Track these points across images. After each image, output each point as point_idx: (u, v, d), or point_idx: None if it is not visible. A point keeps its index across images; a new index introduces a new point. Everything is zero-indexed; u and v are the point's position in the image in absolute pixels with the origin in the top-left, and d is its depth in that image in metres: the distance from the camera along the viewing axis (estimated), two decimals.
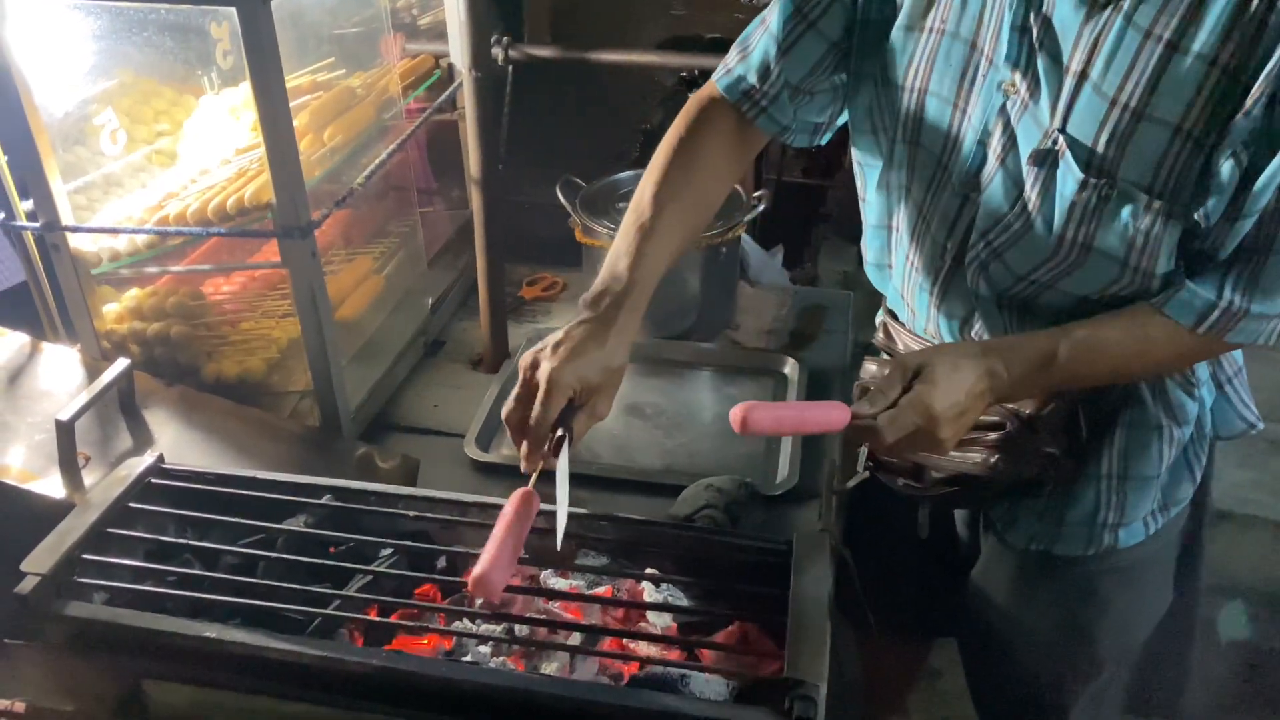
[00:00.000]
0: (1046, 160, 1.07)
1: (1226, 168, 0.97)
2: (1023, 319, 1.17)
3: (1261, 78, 0.93)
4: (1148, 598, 1.33)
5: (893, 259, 1.30)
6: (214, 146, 1.78)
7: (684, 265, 1.87)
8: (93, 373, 1.62)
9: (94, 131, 1.71)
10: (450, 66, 2.08)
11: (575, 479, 1.58)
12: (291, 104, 1.47)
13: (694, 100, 1.34)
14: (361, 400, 1.75)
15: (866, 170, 1.30)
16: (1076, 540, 1.25)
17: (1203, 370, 1.20)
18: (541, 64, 2.29)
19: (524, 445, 1.10)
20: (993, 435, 1.20)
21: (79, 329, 1.67)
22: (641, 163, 2.16)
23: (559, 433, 1.10)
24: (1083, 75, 1.02)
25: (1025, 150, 1.08)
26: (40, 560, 1.12)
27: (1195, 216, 1.02)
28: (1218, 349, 1.12)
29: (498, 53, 2.22)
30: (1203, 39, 0.96)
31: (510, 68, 2.26)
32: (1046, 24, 1.04)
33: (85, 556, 1.14)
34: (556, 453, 1.10)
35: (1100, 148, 1.03)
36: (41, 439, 1.48)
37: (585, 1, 3.17)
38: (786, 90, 1.27)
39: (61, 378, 1.62)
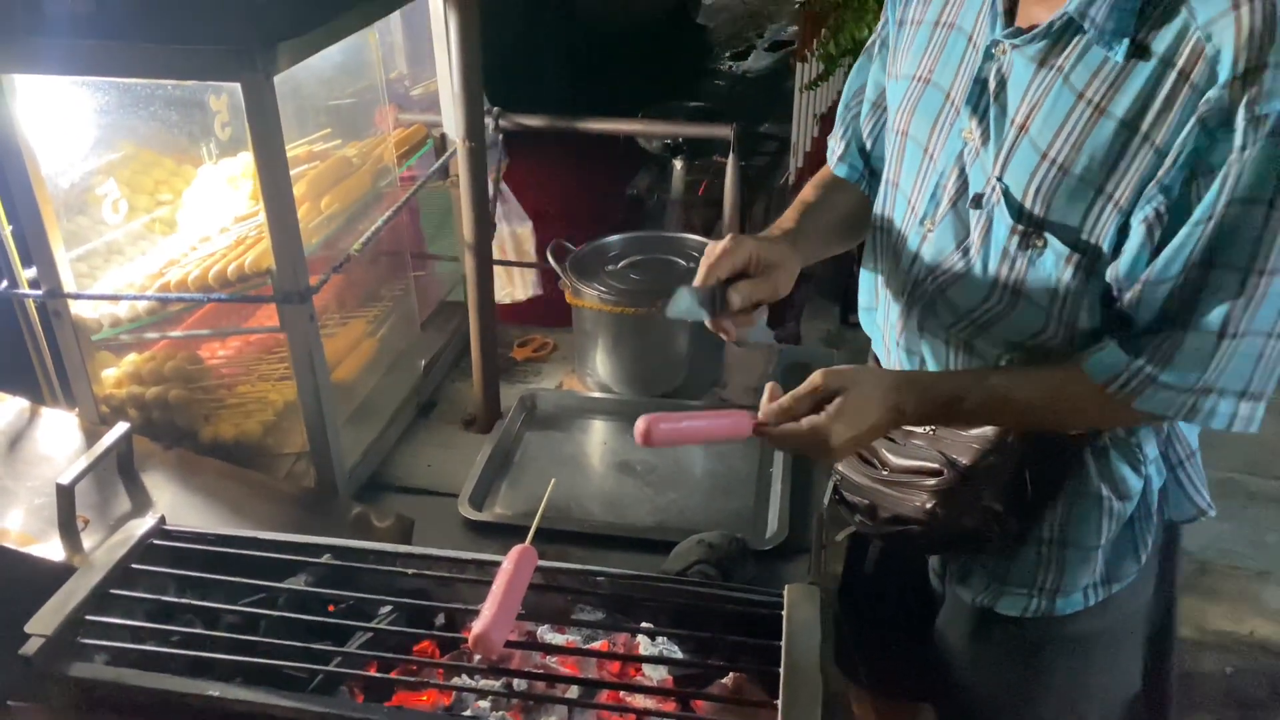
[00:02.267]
0: (984, 205, 1.13)
1: (1139, 232, 1.02)
2: (970, 360, 1.22)
3: (1174, 148, 0.99)
4: (1098, 675, 1.33)
5: (876, 300, 1.35)
6: (213, 215, 1.83)
7: (672, 324, 1.92)
8: (91, 437, 1.64)
9: (96, 201, 1.75)
10: (443, 136, 2.14)
11: (567, 536, 1.63)
12: (290, 173, 1.52)
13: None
14: (356, 461, 1.77)
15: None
16: (1016, 601, 1.27)
17: (1151, 449, 1.21)
18: (531, 133, 2.37)
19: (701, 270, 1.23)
20: (930, 481, 1.23)
21: (78, 394, 1.70)
22: (628, 227, 2.23)
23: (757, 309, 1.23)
24: (1023, 128, 1.09)
25: (972, 194, 1.15)
26: (44, 622, 1.13)
27: (1108, 277, 1.07)
28: (1128, 415, 1.11)
29: (489, 123, 2.28)
30: (1125, 105, 1.02)
31: (501, 136, 2.32)
32: (1002, 78, 1.12)
33: (89, 618, 1.15)
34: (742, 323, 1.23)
35: (1029, 198, 1.09)
36: (40, 502, 1.50)
37: None
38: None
39: (60, 442, 1.64)
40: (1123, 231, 1.04)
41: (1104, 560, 1.24)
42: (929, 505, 1.23)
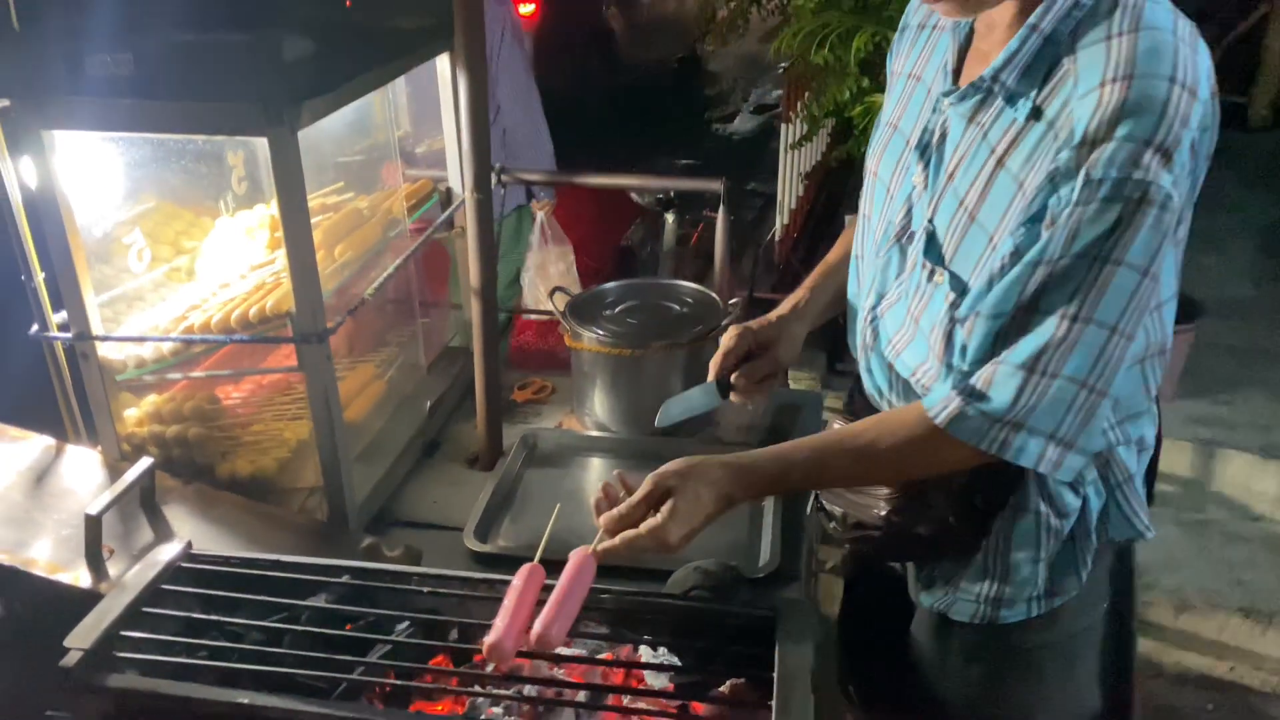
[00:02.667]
0: (915, 242, 1.26)
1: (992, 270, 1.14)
2: (902, 384, 1.33)
3: (1031, 198, 1.10)
4: (1052, 688, 1.39)
5: (853, 312, 1.47)
6: (231, 263, 1.93)
7: (668, 367, 2.02)
8: (114, 473, 1.72)
9: (122, 250, 1.85)
10: (448, 189, 2.26)
11: None
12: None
13: None
14: (366, 496, 1.85)
15: None
16: (966, 606, 1.35)
17: (1089, 470, 1.27)
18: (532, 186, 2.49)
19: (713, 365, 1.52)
20: (884, 491, 1.33)
21: (101, 432, 1.77)
22: (620, 275, 2.34)
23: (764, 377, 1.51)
24: (951, 177, 1.21)
25: (910, 231, 1.28)
26: (82, 636, 1.21)
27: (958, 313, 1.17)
28: (952, 450, 1.17)
29: (493, 178, 2.40)
30: (1019, 162, 1.13)
31: (504, 191, 2.44)
32: (944, 131, 1.24)
33: (123, 633, 1.23)
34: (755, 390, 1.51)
35: (945, 240, 1.21)
36: (67, 534, 1.58)
37: None
38: None
39: (84, 477, 1.72)
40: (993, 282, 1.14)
41: (1046, 574, 1.31)
42: (884, 513, 1.33)
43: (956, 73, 1.25)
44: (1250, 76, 7.19)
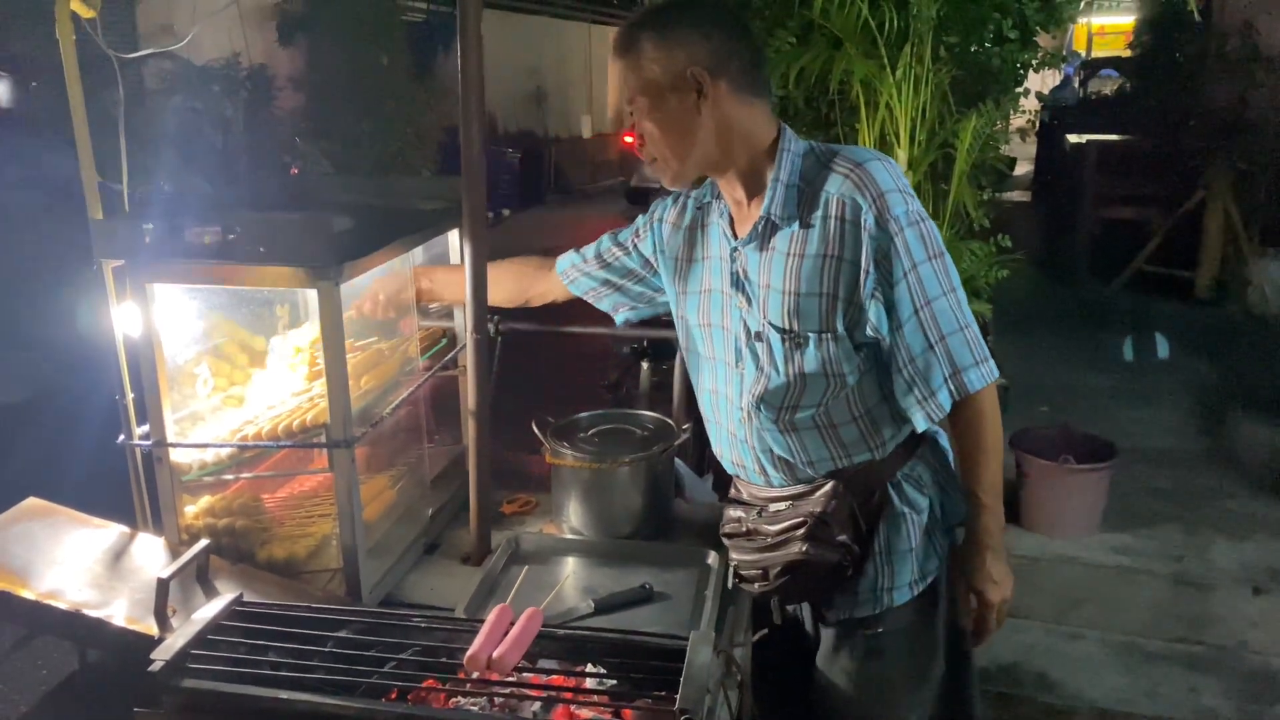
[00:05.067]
0: (763, 338, 1.73)
1: (873, 307, 1.65)
2: (800, 435, 1.76)
3: (863, 256, 1.63)
4: (922, 653, 1.80)
5: (719, 436, 1.90)
6: (277, 390, 2.39)
7: (631, 478, 2.44)
8: (175, 555, 2.12)
9: (190, 379, 2.32)
10: (454, 335, 2.74)
11: (538, 637, 2.07)
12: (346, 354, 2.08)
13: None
14: (376, 581, 2.24)
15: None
16: (867, 604, 1.76)
17: (927, 476, 1.78)
18: (524, 334, 2.98)
19: None
20: (799, 531, 1.73)
21: (166, 523, 2.19)
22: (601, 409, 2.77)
23: None
24: (767, 285, 1.71)
25: (753, 334, 1.76)
26: (164, 651, 1.59)
27: (870, 334, 1.68)
28: (988, 394, 1.69)
29: (490, 327, 2.89)
30: (814, 246, 1.67)
31: (499, 338, 2.93)
32: (744, 267, 1.75)
33: (193, 651, 1.62)
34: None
35: (786, 319, 1.71)
36: (139, 598, 1.97)
37: None
38: (593, 280, 2.19)
39: (151, 557, 2.13)
40: (847, 313, 1.67)
41: (917, 560, 1.76)
42: (803, 548, 1.73)
43: (733, 232, 1.79)
44: (1194, 254, 7.86)
